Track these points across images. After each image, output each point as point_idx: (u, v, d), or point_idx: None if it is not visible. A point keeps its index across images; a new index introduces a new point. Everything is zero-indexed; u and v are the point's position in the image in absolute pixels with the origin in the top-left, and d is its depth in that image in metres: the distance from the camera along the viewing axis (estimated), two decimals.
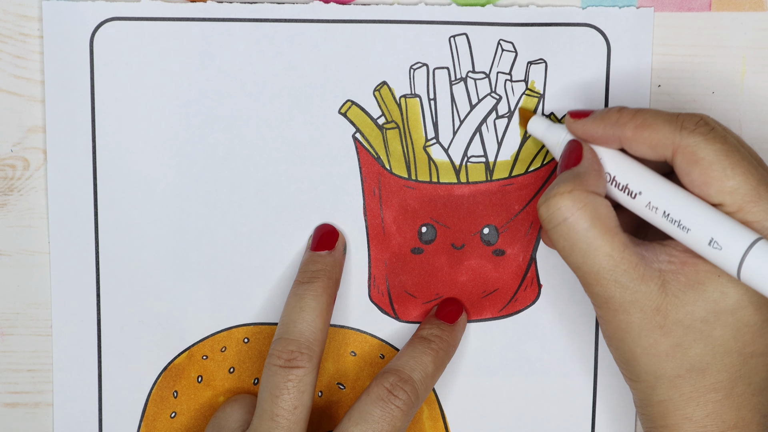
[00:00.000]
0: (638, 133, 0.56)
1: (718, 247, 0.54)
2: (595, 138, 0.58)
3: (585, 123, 0.58)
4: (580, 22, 0.63)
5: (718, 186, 0.55)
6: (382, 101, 0.64)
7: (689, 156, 0.55)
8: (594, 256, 0.55)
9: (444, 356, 0.63)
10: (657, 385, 0.57)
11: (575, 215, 0.55)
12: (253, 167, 0.65)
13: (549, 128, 0.61)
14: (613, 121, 0.57)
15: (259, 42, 0.64)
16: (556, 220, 0.56)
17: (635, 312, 0.56)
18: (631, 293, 0.55)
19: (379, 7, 0.63)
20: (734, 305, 0.55)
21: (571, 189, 0.55)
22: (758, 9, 0.64)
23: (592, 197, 0.56)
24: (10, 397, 0.67)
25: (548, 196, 0.56)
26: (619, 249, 0.55)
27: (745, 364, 0.56)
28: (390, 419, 0.60)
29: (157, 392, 0.66)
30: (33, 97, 0.64)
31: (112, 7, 0.63)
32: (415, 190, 0.65)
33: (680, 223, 0.55)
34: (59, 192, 0.65)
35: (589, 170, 0.57)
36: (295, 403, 0.60)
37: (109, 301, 0.66)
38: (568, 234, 0.55)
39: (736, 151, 0.55)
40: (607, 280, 0.55)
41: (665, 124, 0.56)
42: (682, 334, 0.55)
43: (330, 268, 0.63)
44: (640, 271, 0.55)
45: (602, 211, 0.55)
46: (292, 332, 0.61)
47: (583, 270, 0.56)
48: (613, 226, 0.55)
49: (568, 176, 0.56)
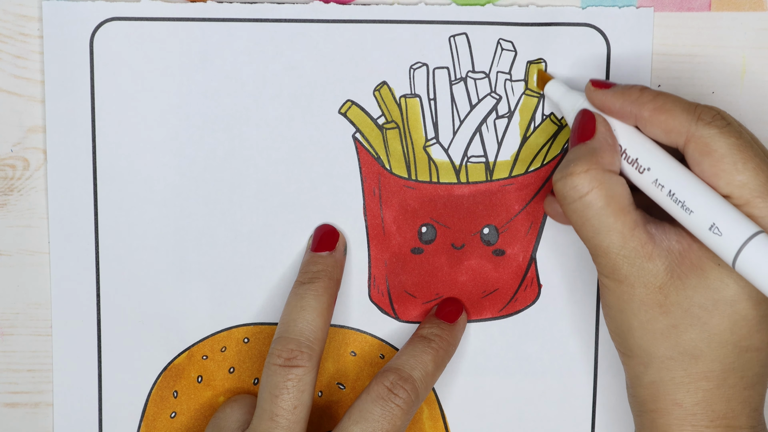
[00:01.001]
0: (655, 115, 0.57)
1: (718, 232, 0.54)
2: (612, 111, 0.58)
3: (605, 94, 0.59)
4: (580, 22, 0.63)
5: (728, 178, 0.55)
6: (382, 101, 0.64)
7: (702, 147, 0.55)
8: (605, 233, 0.56)
9: (444, 355, 0.63)
10: (649, 364, 0.57)
11: (591, 194, 0.56)
12: (253, 167, 0.65)
13: (566, 93, 0.61)
14: (633, 99, 0.58)
15: (259, 42, 0.64)
16: (572, 198, 0.57)
17: (639, 286, 0.56)
18: (637, 269, 0.56)
19: (379, 7, 0.63)
20: (733, 296, 0.56)
21: (587, 168, 0.56)
22: (758, 9, 0.64)
23: (608, 176, 0.56)
24: (10, 397, 0.67)
25: (565, 173, 0.57)
26: (630, 227, 0.56)
27: (739, 357, 0.56)
28: (390, 418, 0.60)
29: (157, 392, 0.66)
30: (33, 97, 0.64)
31: (112, 7, 0.63)
32: (415, 190, 0.65)
33: (684, 204, 0.55)
34: (59, 192, 0.65)
35: (603, 145, 0.57)
36: (294, 403, 0.60)
37: (109, 301, 0.66)
38: (583, 211, 0.57)
39: (750, 147, 0.55)
40: (615, 254, 0.56)
41: (683, 112, 0.56)
42: (680, 316, 0.56)
43: (331, 269, 0.63)
44: (648, 249, 0.56)
45: (617, 189, 0.56)
46: (292, 331, 0.61)
47: (593, 243, 0.57)
48: (626, 204, 0.56)
49: (583, 152, 0.57)
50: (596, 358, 0.66)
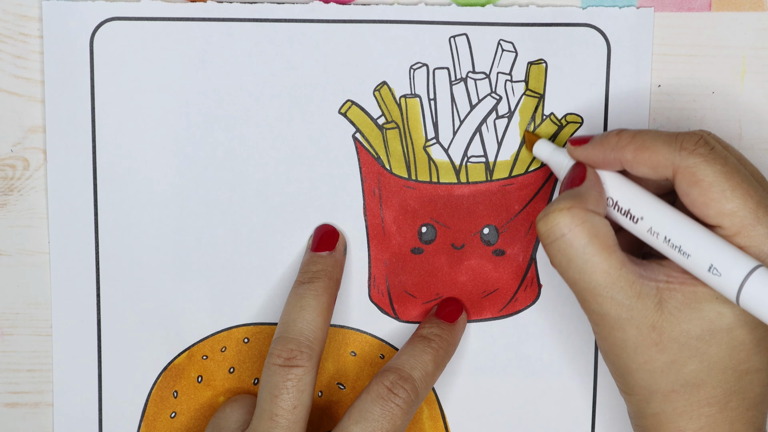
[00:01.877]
0: (638, 155, 0.56)
1: (717, 273, 0.54)
2: (597, 162, 0.58)
3: (585, 149, 0.59)
4: (580, 22, 0.63)
5: (717, 208, 0.55)
6: (382, 101, 0.64)
7: (689, 177, 0.55)
8: (591, 273, 0.56)
9: (444, 355, 0.63)
10: (651, 399, 0.57)
11: (573, 231, 0.55)
12: (253, 167, 0.65)
13: (554, 152, 0.61)
14: (613, 145, 0.57)
15: (259, 42, 0.64)
16: (554, 236, 0.56)
17: (631, 329, 0.56)
18: (626, 310, 0.56)
19: (379, 7, 0.63)
20: (730, 325, 0.55)
21: (571, 206, 0.56)
22: (758, 9, 0.64)
23: (591, 215, 0.56)
24: (10, 397, 0.67)
25: (547, 211, 0.56)
26: (617, 266, 0.55)
27: (739, 380, 0.56)
28: (390, 417, 0.60)
29: (157, 392, 0.66)
30: (33, 97, 0.64)
31: (112, 7, 0.63)
32: (415, 190, 0.65)
33: (681, 249, 0.55)
34: (59, 192, 0.65)
35: (589, 190, 0.57)
36: (294, 403, 0.60)
37: (109, 301, 0.66)
38: (566, 250, 0.56)
39: (737, 172, 0.55)
40: (603, 296, 0.56)
41: (664, 146, 0.56)
42: (678, 351, 0.56)
43: (331, 269, 0.63)
44: (636, 289, 0.55)
45: (601, 229, 0.56)
46: (292, 331, 0.61)
47: (580, 286, 0.56)
48: (611, 243, 0.56)
49: (568, 194, 0.57)
50: (596, 358, 0.66)
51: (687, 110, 0.64)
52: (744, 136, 0.65)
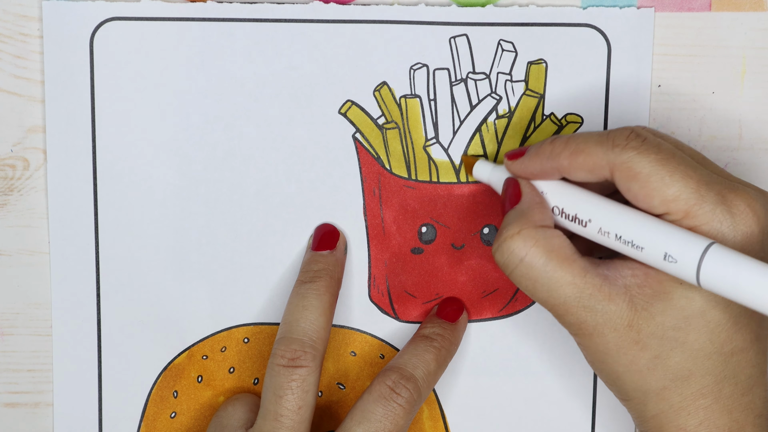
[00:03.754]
0: (573, 159, 0.57)
1: (673, 260, 0.54)
2: (536, 174, 0.58)
3: (522, 162, 0.59)
4: (580, 23, 0.63)
5: (660, 196, 0.55)
6: (382, 101, 0.64)
7: (626, 172, 0.55)
8: (557, 288, 0.56)
9: (446, 354, 0.63)
10: (647, 400, 0.57)
11: (530, 253, 0.56)
12: (253, 167, 0.65)
13: (493, 171, 0.62)
14: (548, 154, 0.57)
15: (259, 42, 0.64)
16: (513, 264, 0.56)
17: (609, 332, 0.56)
18: (601, 315, 0.56)
19: (379, 7, 0.63)
20: (701, 308, 0.55)
21: (519, 229, 0.56)
22: (758, 9, 0.64)
23: (542, 231, 0.56)
24: (10, 397, 0.67)
25: (499, 241, 0.57)
26: (581, 275, 0.56)
27: (727, 363, 0.56)
28: (392, 417, 0.60)
29: (157, 392, 0.66)
30: (33, 97, 0.64)
31: (112, 7, 0.63)
32: (415, 190, 0.65)
33: (633, 243, 0.55)
34: (59, 192, 0.65)
35: (531, 205, 0.57)
36: (299, 403, 0.60)
37: (109, 301, 0.66)
38: (528, 273, 0.56)
39: (672, 157, 0.55)
40: (575, 307, 0.56)
41: (597, 146, 0.56)
42: (658, 345, 0.56)
43: (332, 268, 0.63)
44: (605, 292, 0.56)
45: (555, 242, 0.56)
46: (295, 331, 0.61)
47: (551, 303, 0.56)
48: (569, 254, 0.56)
49: (513, 217, 0.57)
50: None
51: (687, 110, 0.64)
52: (744, 136, 0.65)
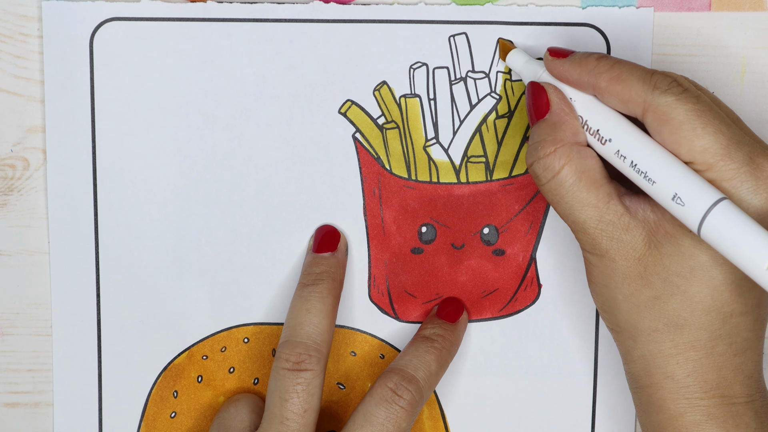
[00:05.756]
0: (611, 85, 0.56)
1: (681, 203, 0.54)
2: (571, 81, 0.58)
3: (563, 63, 0.58)
4: (580, 22, 0.63)
5: (688, 146, 0.54)
6: (382, 101, 0.64)
7: (660, 115, 0.55)
8: (580, 208, 0.57)
9: (447, 355, 0.63)
10: (637, 337, 0.57)
11: (563, 172, 0.57)
12: (253, 167, 0.65)
13: (528, 63, 0.61)
14: (590, 69, 0.57)
15: (259, 42, 0.64)
16: (546, 178, 0.57)
17: (620, 259, 0.56)
18: (615, 242, 0.56)
19: (379, 7, 0.63)
20: (707, 262, 0.55)
21: (555, 147, 0.57)
22: (758, 9, 0.64)
23: (576, 150, 0.57)
24: (10, 397, 0.67)
25: (536, 156, 0.57)
26: (605, 200, 0.56)
27: (724, 323, 0.56)
28: (395, 420, 0.60)
29: (157, 392, 0.66)
30: (33, 97, 0.64)
31: (112, 7, 0.63)
32: (415, 190, 0.65)
33: (647, 175, 0.55)
34: (59, 192, 0.65)
35: (561, 118, 0.58)
36: (304, 406, 0.60)
37: (109, 301, 0.66)
38: (557, 189, 0.57)
39: (709, 110, 0.55)
40: (593, 228, 0.57)
41: (638, 81, 0.56)
42: (660, 286, 0.56)
43: (334, 270, 0.63)
44: (625, 221, 0.56)
45: (588, 163, 0.57)
46: (300, 335, 0.61)
47: (571, 219, 0.57)
48: (599, 177, 0.57)
49: (545, 131, 0.58)
50: (596, 358, 0.66)
51: None
52: None
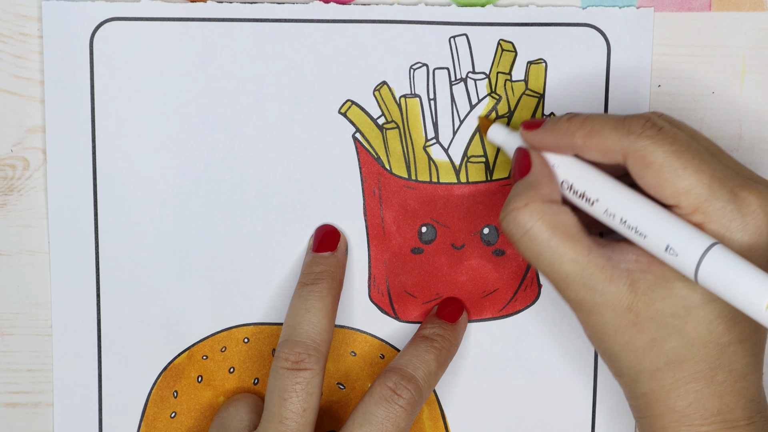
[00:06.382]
0: (588, 140, 0.56)
1: (674, 253, 0.54)
2: (549, 147, 0.58)
3: (538, 133, 0.59)
4: (580, 22, 0.63)
5: (671, 188, 0.55)
6: (382, 101, 0.64)
7: (640, 160, 0.55)
8: (560, 264, 0.56)
9: (446, 355, 0.63)
10: (638, 379, 0.57)
11: (535, 226, 0.56)
12: (253, 167, 0.65)
13: (508, 136, 0.61)
14: (564, 130, 0.57)
15: (259, 42, 0.64)
16: (518, 234, 0.56)
17: (607, 312, 0.56)
18: (600, 295, 0.56)
19: (379, 7, 0.63)
20: (702, 300, 0.55)
21: (527, 202, 0.56)
22: (758, 9, 0.64)
23: (549, 206, 0.56)
24: (10, 397, 0.67)
25: (506, 211, 0.57)
26: (584, 253, 0.56)
27: (723, 353, 0.56)
28: (394, 419, 0.60)
29: (157, 392, 0.66)
30: (33, 97, 0.64)
31: (112, 7, 0.63)
32: (415, 190, 0.65)
33: (637, 230, 0.55)
34: (59, 192, 0.65)
35: (539, 178, 0.57)
36: (303, 406, 0.60)
37: (109, 301, 0.66)
38: (532, 245, 0.56)
39: (687, 149, 0.55)
40: (576, 284, 0.56)
41: (612, 131, 0.56)
42: (656, 329, 0.56)
43: (333, 269, 0.63)
44: (607, 273, 0.56)
45: (561, 218, 0.56)
46: (299, 334, 0.61)
47: (552, 277, 0.57)
48: (575, 231, 0.56)
49: (521, 187, 0.57)
50: (596, 358, 0.66)
51: (687, 110, 0.64)
52: (744, 136, 0.65)
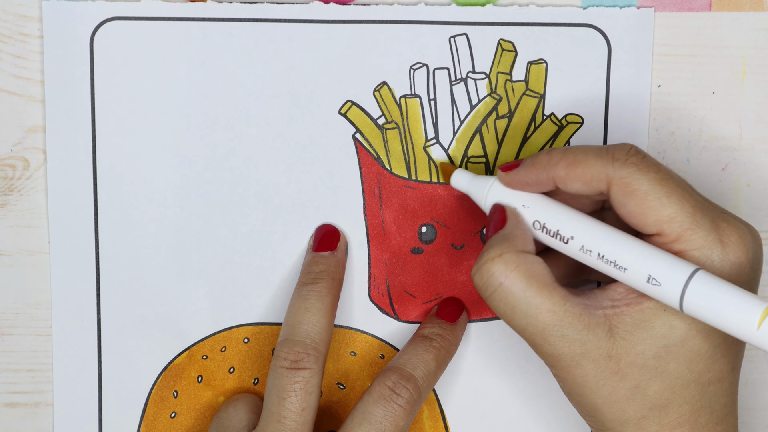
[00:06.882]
0: (571, 170, 0.56)
1: (656, 283, 0.53)
2: (529, 184, 0.58)
3: (517, 173, 0.58)
4: (580, 22, 0.63)
5: (655, 216, 0.54)
6: (382, 101, 0.64)
7: (624, 187, 0.55)
8: (536, 315, 0.55)
9: (446, 354, 0.63)
10: (624, 431, 0.56)
11: (510, 277, 0.55)
12: (253, 167, 0.65)
13: (472, 181, 0.61)
14: (544, 164, 0.57)
15: (259, 42, 0.64)
16: (492, 287, 0.56)
17: (588, 363, 0.55)
18: (579, 345, 0.55)
19: (379, 7, 0.63)
20: (683, 336, 0.55)
21: (501, 252, 0.55)
22: (758, 9, 0.64)
23: (523, 256, 0.55)
24: (10, 397, 0.67)
25: (480, 263, 0.56)
26: (560, 303, 0.55)
27: (704, 393, 0.56)
28: (393, 418, 0.60)
29: (157, 392, 0.66)
30: (33, 97, 0.64)
31: (112, 7, 0.63)
32: (415, 190, 0.65)
33: (616, 264, 0.55)
34: (59, 192, 0.65)
35: (514, 231, 0.57)
36: (302, 405, 0.60)
37: (109, 301, 0.66)
38: (507, 298, 0.55)
39: (670, 178, 0.55)
40: (554, 336, 0.55)
41: (596, 159, 0.55)
42: (638, 374, 0.55)
43: (333, 269, 0.63)
44: (585, 321, 0.55)
45: (536, 268, 0.55)
46: (298, 333, 0.61)
47: (529, 331, 0.56)
48: (549, 281, 0.55)
49: (495, 241, 0.56)
50: None
51: (687, 110, 0.64)
52: (744, 136, 0.65)
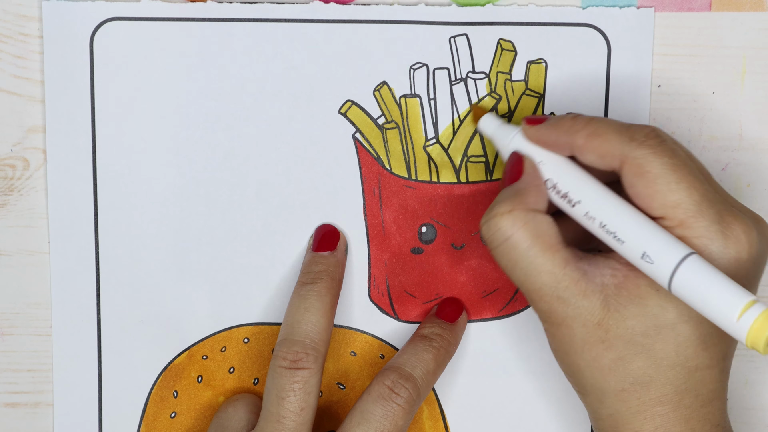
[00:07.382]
0: (589, 141, 0.56)
1: (650, 261, 0.54)
2: (548, 144, 0.58)
3: (539, 129, 0.58)
4: (580, 22, 0.63)
5: (662, 200, 0.55)
6: (382, 101, 0.64)
7: (636, 168, 0.55)
8: (536, 274, 0.56)
9: (445, 354, 0.63)
10: (603, 399, 0.57)
11: (516, 234, 0.56)
12: (253, 167, 0.65)
13: (499, 128, 0.61)
14: (566, 128, 0.57)
15: (259, 42, 0.64)
16: (497, 241, 0.56)
17: (577, 326, 0.56)
18: (573, 308, 0.56)
19: (379, 7, 0.63)
20: (674, 320, 0.55)
21: (511, 209, 0.56)
22: (758, 9, 0.64)
23: (532, 215, 0.56)
24: (10, 397, 0.67)
25: (489, 216, 0.56)
26: (561, 266, 0.56)
27: (689, 377, 0.56)
28: (392, 418, 0.60)
29: (157, 392, 0.66)
30: (33, 97, 0.64)
31: (112, 7, 0.63)
32: (415, 190, 0.65)
33: (615, 235, 0.55)
34: (59, 192, 0.65)
35: (528, 186, 0.57)
36: (301, 405, 0.60)
37: (109, 301, 0.66)
38: (511, 253, 0.56)
39: (684, 165, 0.55)
40: (549, 296, 0.56)
41: (615, 135, 0.56)
42: (624, 348, 0.55)
43: (333, 269, 0.63)
44: (581, 287, 0.55)
45: (543, 228, 0.56)
46: (297, 333, 0.61)
47: (526, 287, 0.56)
48: (554, 242, 0.56)
49: (508, 194, 0.57)
50: None
51: (687, 110, 0.64)
52: (744, 136, 0.65)
